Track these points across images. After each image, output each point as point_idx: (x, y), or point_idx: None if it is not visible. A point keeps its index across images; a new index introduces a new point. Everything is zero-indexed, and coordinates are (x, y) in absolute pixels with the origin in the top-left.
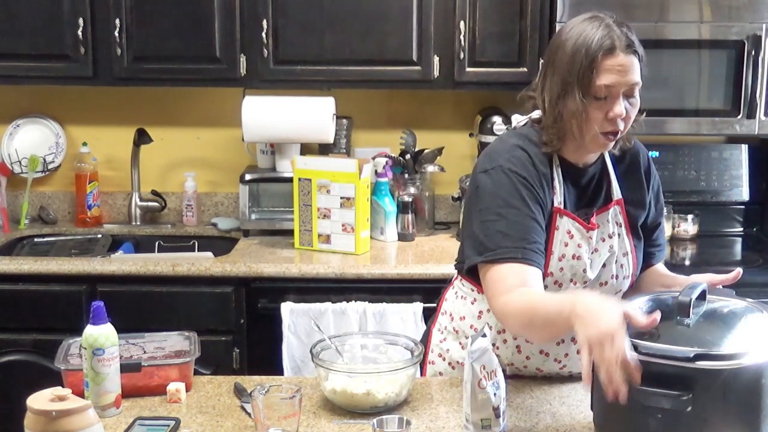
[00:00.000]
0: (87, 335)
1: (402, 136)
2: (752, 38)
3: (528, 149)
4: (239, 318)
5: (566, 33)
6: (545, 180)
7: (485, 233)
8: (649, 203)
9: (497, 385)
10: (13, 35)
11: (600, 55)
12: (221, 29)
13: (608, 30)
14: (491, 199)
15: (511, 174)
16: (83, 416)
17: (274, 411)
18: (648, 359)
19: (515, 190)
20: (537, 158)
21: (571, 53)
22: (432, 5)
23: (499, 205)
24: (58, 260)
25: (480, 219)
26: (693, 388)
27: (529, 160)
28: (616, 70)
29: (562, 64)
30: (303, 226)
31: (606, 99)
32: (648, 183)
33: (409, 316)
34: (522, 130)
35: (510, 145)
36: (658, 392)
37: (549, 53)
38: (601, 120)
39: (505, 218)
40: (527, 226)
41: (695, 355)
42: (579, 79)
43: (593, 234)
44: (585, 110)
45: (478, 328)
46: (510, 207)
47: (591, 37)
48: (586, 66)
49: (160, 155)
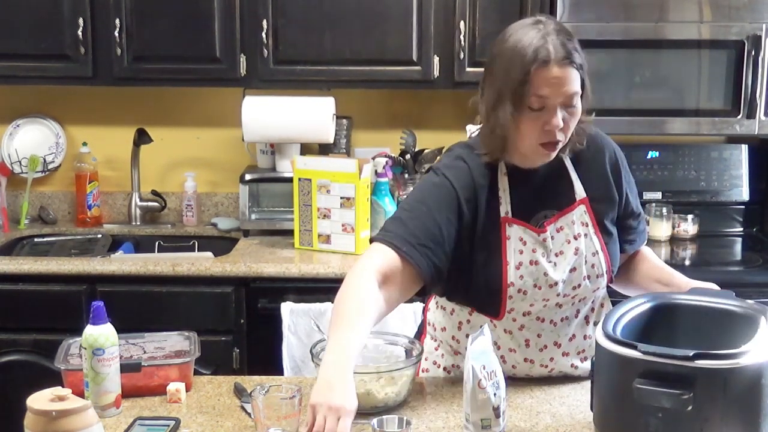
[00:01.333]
0: (87, 335)
1: (402, 136)
2: (752, 38)
3: (470, 161)
4: (239, 318)
5: (504, 40)
6: (483, 193)
7: (392, 218)
8: (621, 197)
9: (497, 385)
10: (13, 35)
11: (533, 69)
12: (221, 29)
13: (544, 41)
14: (413, 193)
15: (443, 180)
16: (83, 416)
17: (274, 411)
18: (648, 358)
19: (437, 193)
20: (477, 170)
21: (507, 64)
22: (432, 5)
23: (415, 199)
24: (58, 260)
25: (400, 207)
26: (693, 387)
27: (467, 172)
28: (551, 82)
29: (498, 74)
30: (303, 226)
31: (542, 110)
32: (616, 178)
33: (409, 316)
34: (471, 141)
35: (454, 156)
36: (659, 391)
37: (488, 59)
38: (538, 132)
39: (413, 211)
40: (427, 228)
41: (695, 354)
42: (512, 91)
43: (546, 236)
44: (516, 122)
45: (460, 339)
46: (422, 204)
47: (526, 48)
48: (520, 78)
49: (160, 155)
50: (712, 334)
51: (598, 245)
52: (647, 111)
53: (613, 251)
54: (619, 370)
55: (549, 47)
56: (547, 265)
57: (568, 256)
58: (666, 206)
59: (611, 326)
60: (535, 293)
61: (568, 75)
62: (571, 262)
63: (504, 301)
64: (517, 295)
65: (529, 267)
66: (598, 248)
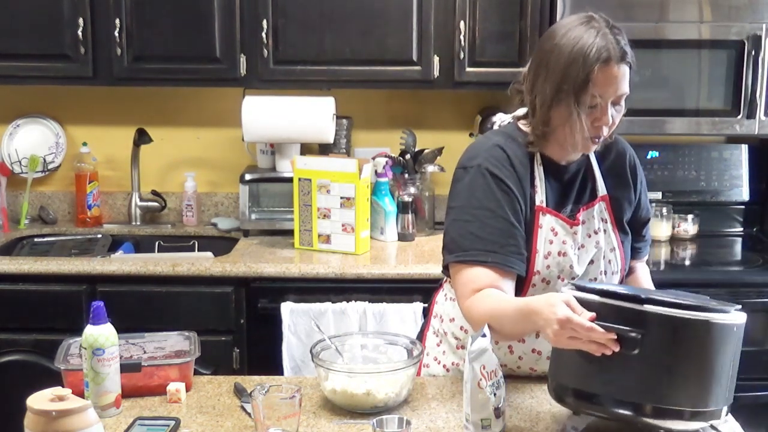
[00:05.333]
0: (87, 335)
1: (402, 136)
2: (752, 38)
3: (508, 149)
4: (239, 318)
5: (560, 36)
6: (524, 180)
7: (459, 233)
8: (637, 201)
9: (497, 385)
10: (13, 35)
11: (597, 67)
12: (221, 29)
13: (605, 39)
14: (466, 199)
15: (488, 175)
16: (83, 416)
17: (274, 411)
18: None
19: (491, 191)
20: (517, 159)
21: (567, 61)
22: (432, 5)
23: (474, 206)
24: (58, 260)
25: (454, 217)
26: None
27: (507, 160)
28: (611, 81)
29: (557, 71)
30: (303, 226)
31: (596, 107)
32: (634, 181)
33: (409, 316)
34: (505, 129)
35: (491, 145)
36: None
37: (541, 53)
38: (589, 126)
39: (479, 220)
40: (500, 229)
41: (646, 297)
42: (574, 88)
43: (578, 230)
44: (578, 118)
45: (468, 329)
46: (484, 209)
47: (588, 46)
48: (583, 77)
49: (160, 155)
50: None
51: (615, 242)
52: (647, 111)
53: (627, 250)
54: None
55: (610, 46)
56: (574, 258)
57: (589, 250)
58: (666, 206)
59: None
60: (556, 284)
61: (625, 73)
62: (590, 255)
63: (526, 289)
64: (540, 284)
65: (557, 257)
66: (616, 245)
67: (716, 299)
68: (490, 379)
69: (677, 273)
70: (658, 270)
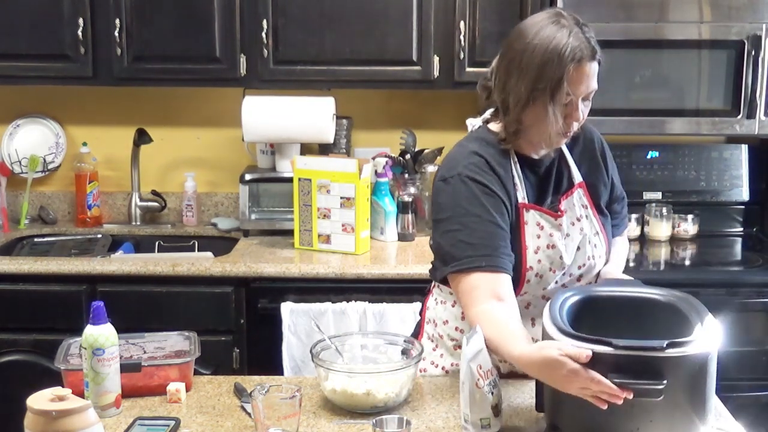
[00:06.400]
0: (87, 335)
1: (402, 136)
2: (752, 38)
3: (485, 153)
4: (239, 318)
5: (532, 35)
6: (506, 181)
7: (450, 243)
8: (610, 182)
9: (494, 384)
10: (13, 35)
11: (572, 66)
12: (221, 29)
13: (577, 39)
14: (452, 209)
15: (470, 182)
16: (83, 416)
17: (274, 411)
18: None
19: (474, 197)
20: (495, 161)
21: (542, 61)
22: (432, 5)
23: (461, 214)
24: (58, 260)
25: (443, 229)
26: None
27: (486, 164)
28: (583, 80)
29: (531, 70)
30: (303, 226)
31: (569, 104)
32: (605, 163)
33: (409, 316)
34: (478, 133)
35: (467, 152)
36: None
37: (512, 53)
38: (562, 123)
39: (468, 227)
40: (490, 232)
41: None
42: (550, 87)
43: (562, 221)
44: (554, 116)
45: (463, 329)
46: (471, 215)
47: (563, 46)
48: (558, 76)
49: (160, 155)
50: (639, 324)
51: (597, 226)
52: (647, 111)
53: (608, 232)
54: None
55: (582, 46)
56: (562, 249)
57: (574, 237)
58: (666, 206)
59: (561, 324)
60: (549, 276)
61: (595, 71)
62: (576, 242)
63: (522, 284)
64: (534, 279)
65: (547, 251)
66: (598, 229)
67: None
68: (487, 378)
69: (677, 273)
70: (658, 270)
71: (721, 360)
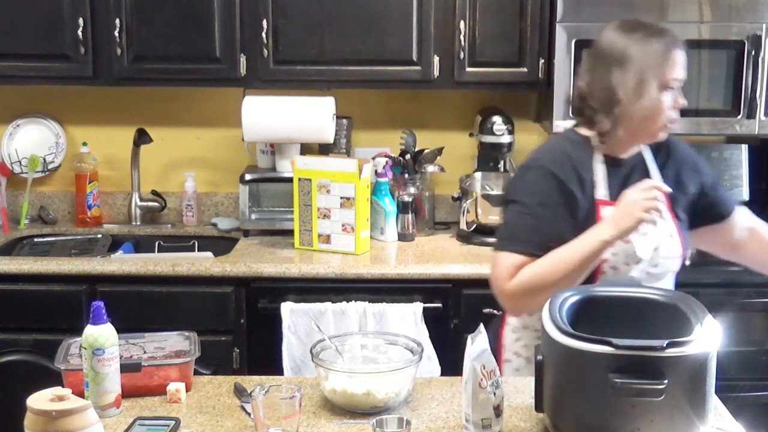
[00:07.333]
0: (87, 335)
1: (402, 136)
2: (752, 38)
3: (570, 151)
4: (239, 318)
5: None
6: (585, 180)
7: (517, 224)
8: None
9: (496, 384)
10: (13, 35)
11: (674, 52)
12: (221, 29)
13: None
14: (528, 196)
15: (550, 176)
16: (83, 416)
17: (274, 411)
18: (621, 352)
19: (551, 191)
20: (578, 159)
21: (646, 51)
22: (432, 5)
23: (535, 203)
24: (58, 260)
25: (515, 210)
26: (665, 376)
27: (568, 163)
28: (681, 64)
29: (638, 62)
30: (303, 226)
31: (671, 90)
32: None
33: (409, 316)
34: (566, 134)
35: (554, 148)
36: (636, 383)
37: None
38: (668, 110)
39: (537, 216)
40: (556, 227)
41: (668, 343)
42: (657, 74)
43: None
44: (661, 103)
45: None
46: (543, 206)
47: (662, 34)
48: (664, 62)
49: (160, 155)
50: (639, 324)
51: (674, 229)
52: None
53: (685, 237)
54: (588, 367)
55: (672, 34)
56: (636, 244)
57: (650, 236)
58: None
59: (561, 324)
60: (625, 270)
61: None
62: (653, 240)
63: (597, 275)
64: (610, 272)
65: (622, 245)
66: (674, 231)
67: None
68: (489, 378)
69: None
70: None
71: (721, 360)
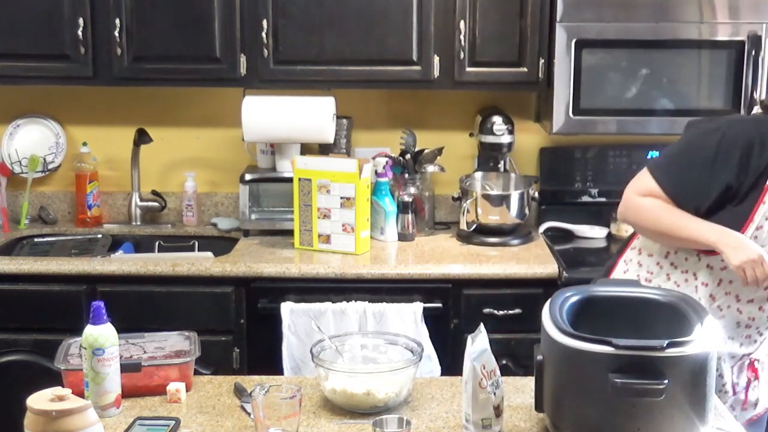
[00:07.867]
0: (87, 335)
1: (402, 136)
2: (752, 38)
3: (752, 131)
4: (239, 318)
5: None
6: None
7: (680, 164)
8: None
9: (496, 384)
10: (13, 35)
11: None
12: (221, 29)
13: None
14: (697, 149)
15: (723, 142)
16: (83, 416)
17: (274, 411)
18: (621, 352)
19: (717, 153)
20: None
21: None
22: (432, 5)
23: (699, 156)
24: (58, 260)
25: (679, 150)
26: (665, 376)
27: (746, 141)
28: None
29: None
30: (303, 226)
31: None
32: None
33: (409, 316)
34: (757, 116)
35: (744, 123)
36: (637, 383)
37: None
38: None
39: (695, 167)
40: (703, 183)
41: (668, 343)
42: None
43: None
44: None
45: (664, 266)
46: (702, 159)
47: None
48: None
49: (160, 155)
50: (639, 324)
51: None
52: (647, 111)
53: None
54: (588, 367)
55: None
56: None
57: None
58: None
59: (561, 324)
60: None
61: None
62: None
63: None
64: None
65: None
66: None
67: None
68: (490, 378)
69: None
70: None
71: None
